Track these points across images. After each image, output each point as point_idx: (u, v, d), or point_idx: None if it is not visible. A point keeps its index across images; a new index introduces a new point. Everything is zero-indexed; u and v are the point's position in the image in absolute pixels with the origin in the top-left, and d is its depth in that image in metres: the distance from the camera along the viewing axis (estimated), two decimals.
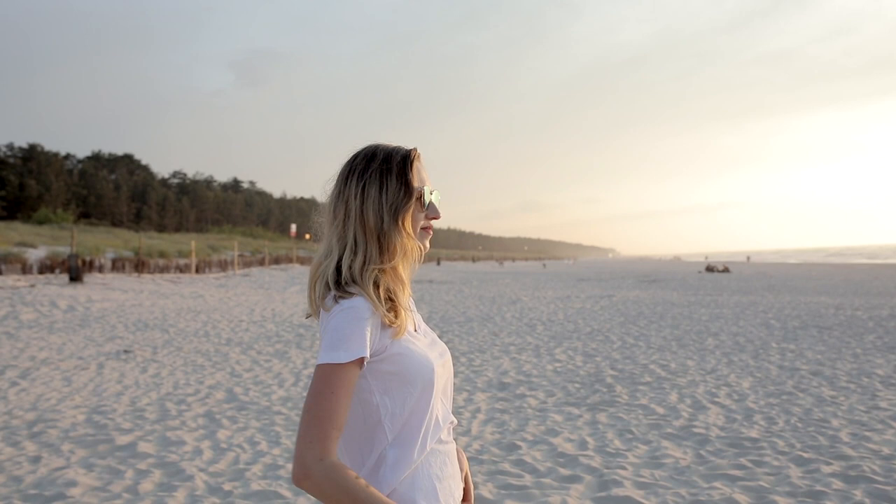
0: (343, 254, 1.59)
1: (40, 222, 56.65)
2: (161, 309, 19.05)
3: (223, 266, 42.59)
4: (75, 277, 25.67)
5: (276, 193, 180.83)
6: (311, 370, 9.87)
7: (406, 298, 1.65)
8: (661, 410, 7.21)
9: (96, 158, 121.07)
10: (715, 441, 6.00)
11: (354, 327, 1.48)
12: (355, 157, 1.66)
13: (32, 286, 22.77)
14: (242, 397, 7.95)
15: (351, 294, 1.53)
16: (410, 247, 1.62)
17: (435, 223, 1.68)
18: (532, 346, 12.37)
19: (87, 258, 32.23)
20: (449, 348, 11.32)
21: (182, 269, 37.82)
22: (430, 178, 1.70)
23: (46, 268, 29.33)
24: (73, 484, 4.86)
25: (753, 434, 6.23)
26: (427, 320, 16.88)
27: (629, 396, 7.92)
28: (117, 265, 33.52)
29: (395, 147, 1.67)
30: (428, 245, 1.70)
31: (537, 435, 6.25)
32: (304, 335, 13.83)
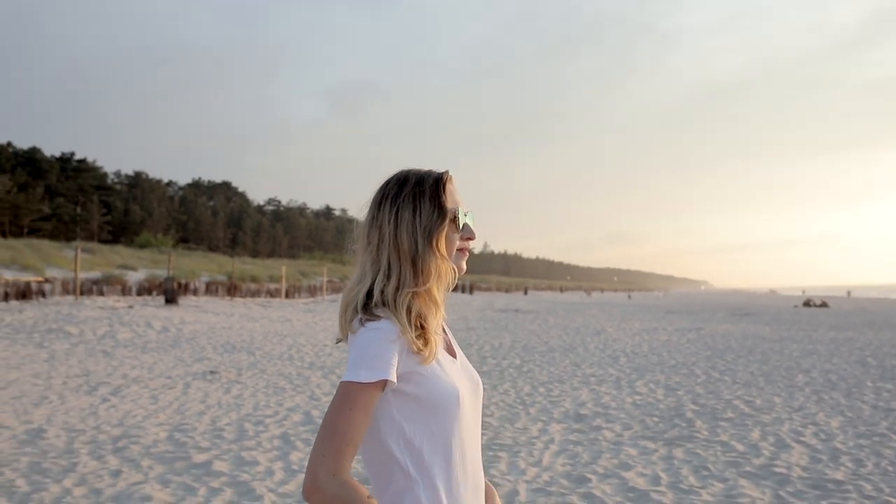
0: (376, 278, 1.59)
1: (142, 246, 59.06)
2: (249, 332, 19.53)
3: (312, 291, 43.43)
4: (171, 300, 26.59)
5: None
6: None
7: (438, 322, 1.64)
8: (741, 447, 6.97)
9: (196, 185, 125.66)
10: (796, 482, 5.76)
11: (379, 348, 1.49)
12: (388, 182, 1.66)
13: (131, 307, 23.68)
14: (318, 420, 8.06)
15: (378, 317, 1.53)
16: (445, 269, 1.62)
17: (520, 252, 1.66)
18: (613, 377, 12.15)
19: (183, 281, 33.39)
20: (529, 378, 11.24)
21: (272, 294, 38.73)
22: (463, 201, 1.71)
23: (145, 290, 30.51)
24: (148, 499, 5.02)
25: (839, 476, 5.95)
26: (509, 350, 16.80)
27: (709, 432, 7.69)
28: (211, 288, 34.59)
29: (428, 171, 1.68)
30: (464, 266, 1.69)
31: (609, 468, 6.12)
32: None
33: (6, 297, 23.61)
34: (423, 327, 1.58)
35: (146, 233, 72.44)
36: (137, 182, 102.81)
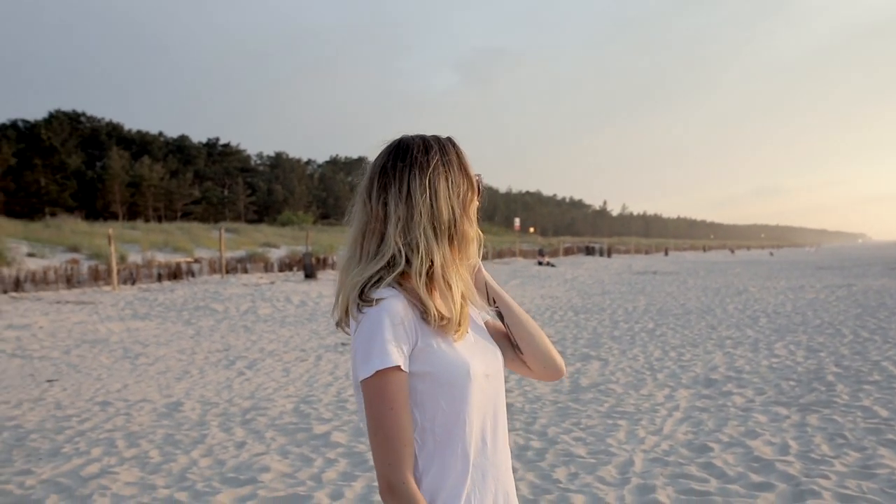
0: (412, 255, 1.46)
1: (283, 224, 61.43)
2: None
3: None
4: (310, 274, 27.50)
5: (502, 188, 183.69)
6: None
7: (474, 296, 1.56)
8: (884, 413, 6.49)
9: (334, 163, 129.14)
10: None
11: (387, 333, 1.40)
12: (406, 149, 1.52)
13: (272, 283, 24.67)
14: None
15: (374, 300, 1.42)
16: (479, 237, 1.55)
17: (660, 212, 1.53)
18: (751, 339, 11.62)
19: (321, 256, 34.45)
20: (660, 342, 10.89)
21: None
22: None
23: (286, 266, 31.70)
24: (266, 469, 5.18)
25: None
26: (643, 313, 16.39)
27: (849, 397, 7.20)
28: None
29: (435, 136, 1.57)
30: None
31: (734, 437, 5.83)
32: None
33: (159, 277, 25.10)
34: (453, 299, 1.48)
35: (287, 211, 75.22)
36: (278, 162, 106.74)
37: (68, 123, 79.34)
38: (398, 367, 1.39)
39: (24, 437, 6.32)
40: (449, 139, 1.57)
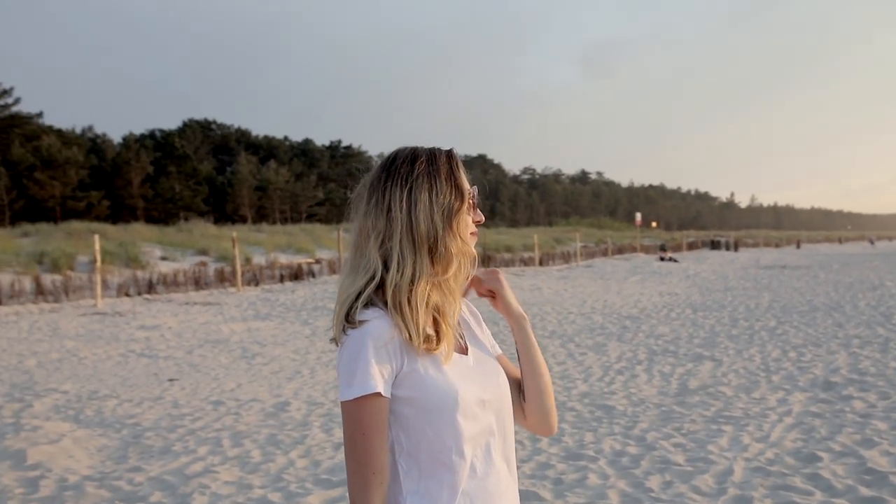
0: (387, 270, 1.43)
1: None
2: None
3: (566, 258, 43.45)
4: None
5: (624, 183, 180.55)
6: (624, 364, 9.68)
7: (456, 315, 1.47)
8: None
9: None
10: None
11: (367, 356, 1.36)
12: (393, 160, 1.49)
13: None
14: None
15: (359, 322, 1.39)
16: (466, 253, 1.46)
17: (792, 203, 1.45)
18: (881, 339, 10.94)
19: None
20: (780, 341, 10.40)
21: (526, 263, 39.26)
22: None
23: None
24: None
25: None
26: (765, 310, 15.72)
27: None
28: None
29: (434, 147, 1.51)
30: (474, 249, 1.51)
31: (848, 445, 5.50)
32: (629, 327, 13.58)
33: (281, 278, 25.94)
34: (437, 321, 1.43)
35: None
36: None
37: (200, 131, 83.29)
38: (377, 394, 1.36)
39: (141, 434, 6.64)
40: (445, 150, 1.51)
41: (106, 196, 56.13)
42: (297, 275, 26.65)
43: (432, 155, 1.49)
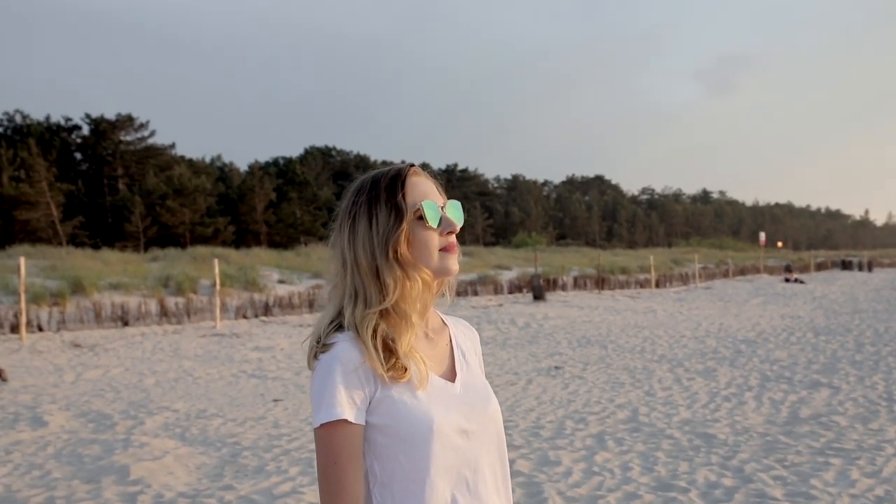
0: (343, 304, 1.43)
1: (517, 246, 62.21)
2: (608, 325, 19.52)
3: (684, 279, 42.25)
4: (538, 296, 27.58)
5: (748, 201, 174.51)
6: (733, 390, 9.29)
7: (409, 341, 1.41)
8: None
9: (570, 182, 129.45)
10: None
11: (335, 382, 1.34)
12: (346, 194, 1.49)
13: (500, 305, 25.03)
14: (642, 418, 7.77)
15: (331, 346, 1.38)
16: (414, 277, 1.40)
17: (876, 222, 1.33)
18: None
19: (552, 277, 34.45)
20: None
21: (642, 284, 38.40)
22: (439, 192, 1.48)
23: (515, 287, 32.02)
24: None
25: None
26: (882, 333, 14.77)
27: None
28: (579, 282, 35.25)
29: (386, 169, 1.47)
30: (453, 266, 1.44)
31: None
32: (744, 352, 13.03)
33: None
34: (391, 349, 1.39)
35: (521, 233, 76.19)
36: (515, 185, 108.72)
37: (321, 158, 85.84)
38: (345, 421, 1.32)
39: (238, 453, 6.82)
40: (392, 171, 1.46)
41: (231, 222, 58.53)
42: None
43: (376, 180, 1.46)
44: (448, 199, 1.49)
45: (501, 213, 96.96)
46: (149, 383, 11.20)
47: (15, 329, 17.19)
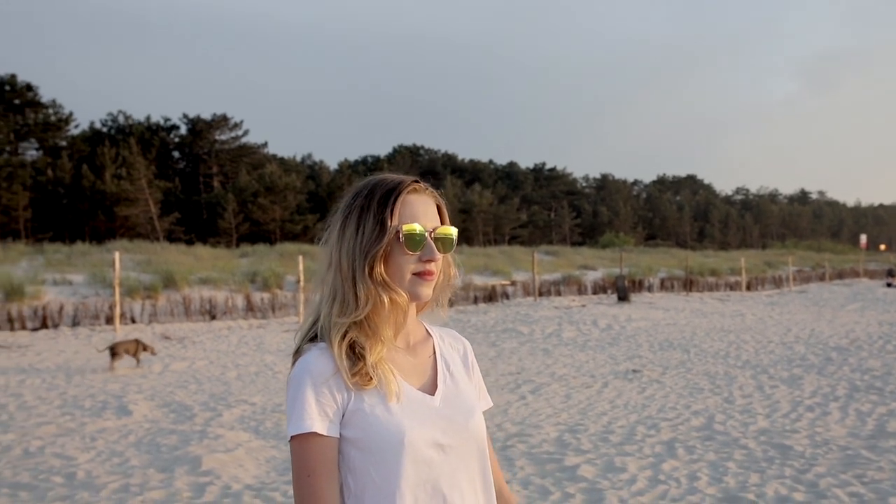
0: (323, 306, 1.43)
1: (604, 246, 61.41)
2: (693, 328, 19.06)
3: (777, 282, 40.95)
4: (623, 297, 27.17)
5: (850, 202, 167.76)
6: (818, 400, 8.94)
7: (377, 353, 1.39)
8: None
9: (661, 182, 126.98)
10: None
11: (306, 393, 1.34)
12: (346, 195, 1.48)
13: (583, 306, 24.74)
14: (717, 426, 7.54)
15: (304, 355, 1.38)
16: (386, 296, 1.38)
17: None
18: None
19: (639, 278, 33.88)
20: None
21: (732, 287, 37.39)
22: (431, 215, 1.44)
23: (600, 288, 31.64)
24: None
25: None
26: None
27: None
28: (666, 284, 34.57)
29: (389, 178, 1.44)
30: (424, 293, 1.41)
31: None
32: (834, 360, 12.52)
33: (475, 300, 26.31)
34: (362, 358, 1.37)
35: (609, 233, 75.18)
36: (604, 184, 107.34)
37: (409, 156, 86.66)
38: (316, 434, 1.31)
39: None
40: (393, 182, 1.44)
41: (320, 219, 59.57)
42: (490, 296, 26.93)
43: (374, 188, 1.44)
44: (449, 223, 1.47)
45: (589, 213, 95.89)
46: (231, 376, 11.51)
47: (110, 321, 17.94)
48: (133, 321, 19.07)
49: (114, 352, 11.96)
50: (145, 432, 7.68)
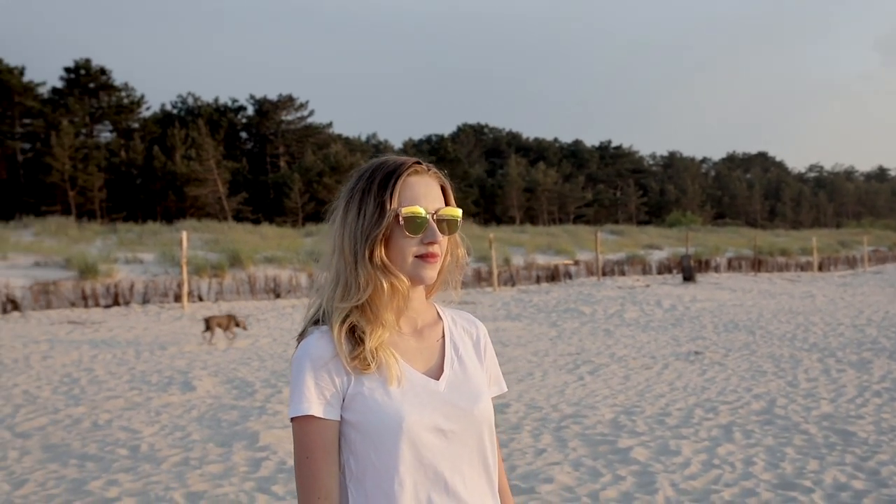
0: (327, 289, 1.44)
1: (671, 225, 60.40)
2: (759, 309, 18.65)
3: (851, 263, 39.73)
4: (688, 277, 26.73)
5: None
6: (887, 385, 8.68)
7: (378, 338, 1.39)
8: None
9: (730, 159, 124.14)
10: None
11: (305, 376, 1.36)
12: (354, 173, 1.48)
13: (647, 286, 24.42)
14: (778, 410, 7.38)
15: (306, 338, 1.41)
16: (386, 281, 1.38)
17: None
18: None
19: (704, 258, 33.26)
20: None
21: (803, 268, 36.44)
22: (450, 195, 1.44)
23: (665, 268, 31.16)
24: (550, 480, 5.17)
25: None
26: None
27: None
28: (734, 264, 33.86)
29: (391, 160, 1.44)
30: (428, 275, 1.41)
31: None
32: None
33: (538, 279, 26.21)
34: (362, 342, 1.37)
35: (675, 211, 73.90)
36: (671, 162, 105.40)
37: (473, 135, 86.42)
38: (312, 416, 1.33)
39: None
40: (394, 164, 1.43)
41: None
42: (553, 276, 26.79)
43: (374, 171, 1.43)
44: (454, 204, 1.46)
45: (656, 191, 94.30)
46: (291, 353, 11.71)
47: (178, 298, 18.41)
48: (200, 299, 19.54)
49: (208, 325, 12.44)
50: (207, 407, 7.89)
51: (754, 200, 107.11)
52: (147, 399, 8.35)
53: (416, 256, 1.41)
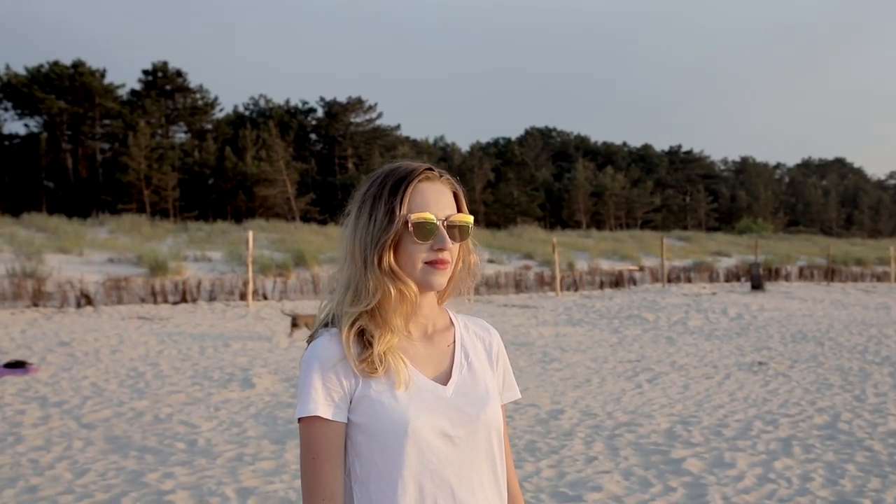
0: (338, 293, 1.45)
1: (741, 232, 59.12)
2: (830, 320, 18.11)
3: None
4: (757, 285, 26.12)
5: None
6: None
7: (386, 342, 1.39)
8: None
9: (805, 165, 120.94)
10: None
11: (313, 377, 1.37)
12: (367, 178, 1.49)
13: (714, 294, 23.95)
14: (841, 425, 7.16)
15: (316, 340, 1.42)
16: (395, 288, 1.39)
17: None
18: None
19: (774, 266, 32.46)
20: None
21: (880, 278, 35.24)
22: (462, 202, 1.44)
23: (732, 276, 30.52)
24: (598, 489, 5.11)
25: None
26: None
27: None
28: (805, 273, 32.96)
29: (403, 166, 1.44)
30: (437, 282, 1.41)
31: None
32: None
33: (601, 285, 25.94)
34: (370, 346, 1.38)
35: (745, 218, 72.31)
36: (744, 167, 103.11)
37: (541, 139, 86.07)
38: (319, 418, 1.34)
39: None
40: (406, 170, 1.43)
41: None
42: (617, 282, 26.50)
43: (385, 177, 1.44)
44: (466, 211, 1.47)
45: (727, 197, 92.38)
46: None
47: (243, 297, 18.79)
48: (265, 298, 19.91)
49: (294, 322, 12.81)
50: (265, 405, 8.03)
51: (830, 208, 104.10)
52: (207, 394, 8.54)
53: (426, 263, 1.41)
